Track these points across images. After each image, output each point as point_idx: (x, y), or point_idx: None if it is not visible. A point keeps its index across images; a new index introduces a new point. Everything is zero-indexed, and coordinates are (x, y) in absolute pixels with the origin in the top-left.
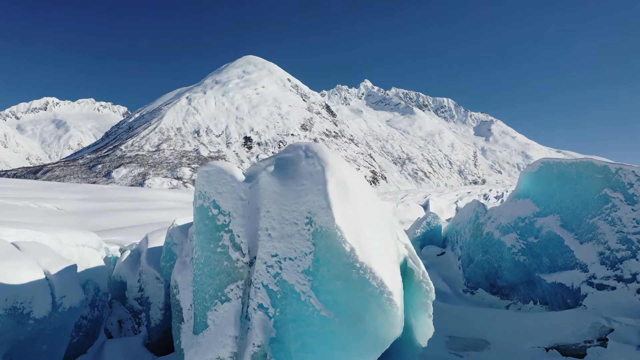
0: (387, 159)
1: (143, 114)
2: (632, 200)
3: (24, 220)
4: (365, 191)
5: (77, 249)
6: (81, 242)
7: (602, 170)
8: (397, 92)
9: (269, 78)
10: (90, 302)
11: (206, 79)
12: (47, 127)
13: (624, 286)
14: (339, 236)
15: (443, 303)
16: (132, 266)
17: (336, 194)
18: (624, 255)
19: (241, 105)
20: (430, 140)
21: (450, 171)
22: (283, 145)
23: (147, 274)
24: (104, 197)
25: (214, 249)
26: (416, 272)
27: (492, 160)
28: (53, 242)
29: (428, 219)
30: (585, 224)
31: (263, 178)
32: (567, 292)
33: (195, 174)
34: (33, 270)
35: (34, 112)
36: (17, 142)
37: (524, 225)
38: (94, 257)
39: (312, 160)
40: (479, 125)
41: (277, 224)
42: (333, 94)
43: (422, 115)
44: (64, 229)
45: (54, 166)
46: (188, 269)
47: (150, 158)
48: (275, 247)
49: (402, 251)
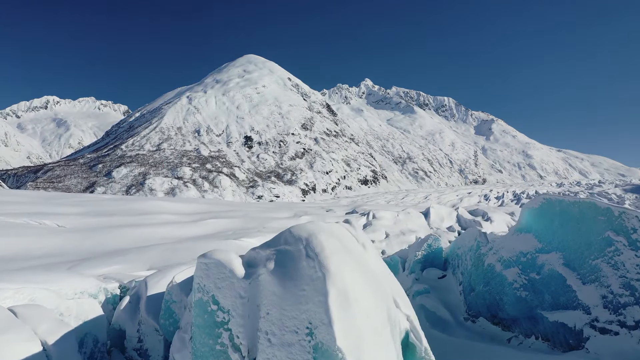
0: (388, 158)
1: (143, 113)
2: (636, 246)
3: (24, 243)
4: (367, 300)
5: (75, 303)
6: (80, 289)
7: (605, 213)
8: (398, 91)
9: (269, 77)
10: (89, 356)
11: (207, 78)
12: (47, 126)
13: (627, 332)
14: (340, 358)
15: (443, 334)
16: (131, 314)
17: (338, 307)
18: (627, 301)
19: (242, 105)
20: (431, 140)
21: (451, 170)
22: (284, 144)
23: (146, 325)
24: (103, 211)
25: (213, 345)
26: (418, 349)
27: (493, 159)
28: (51, 299)
29: (429, 241)
30: (588, 264)
31: (263, 275)
32: (570, 333)
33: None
34: (31, 342)
35: (34, 110)
36: (18, 140)
37: (525, 260)
38: (93, 308)
39: (313, 263)
40: (479, 125)
41: (277, 330)
42: (333, 93)
43: (423, 114)
44: (62, 277)
45: (54, 165)
46: (186, 349)
47: (151, 157)
48: (275, 355)
49: (404, 325)
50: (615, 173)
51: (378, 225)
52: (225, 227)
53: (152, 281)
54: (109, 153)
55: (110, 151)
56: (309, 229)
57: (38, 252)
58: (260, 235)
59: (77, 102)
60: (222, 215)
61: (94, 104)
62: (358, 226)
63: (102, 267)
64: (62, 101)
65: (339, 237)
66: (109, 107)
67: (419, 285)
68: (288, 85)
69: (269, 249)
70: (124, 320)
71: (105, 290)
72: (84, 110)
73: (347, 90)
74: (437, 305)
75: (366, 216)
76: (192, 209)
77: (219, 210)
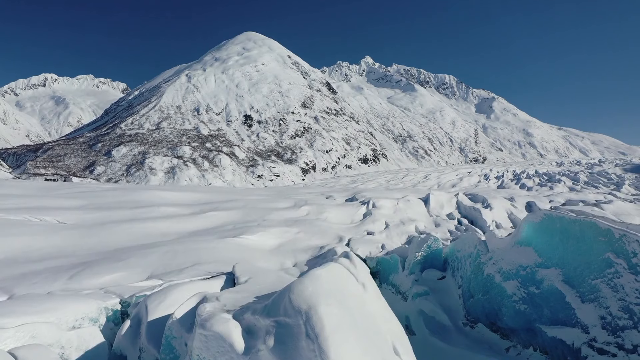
0: (388, 136)
1: (142, 92)
2: (636, 270)
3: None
4: None
5: (75, 334)
6: (80, 315)
7: (606, 234)
8: (399, 68)
9: (269, 55)
10: None
11: (205, 55)
12: (46, 104)
13: (625, 356)
14: None
15: (442, 343)
16: (132, 339)
17: None
18: (625, 324)
19: (241, 83)
20: (431, 118)
21: (451, 149)
22: (283, 123)
23: (147, 352)
24: (102, 204)
25: None
26: None
27: (493, 137)
28: (52, 332)
29: (429, 242)
30: (587, 283)
31: (262, 352)
32: (568, 350)
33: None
34: None
35: (32, 88)
36: (17, 119)
37: (525, 274)
38: (94, 337)
39: (313, 346)
40: (480, 103)
41: None
42: (334, 71)
43: (424, 92)
44: (62, 302)
45: (54, 144)
46: None
47: (150, 137)
48: None
49: None
50: (615, 151)
51: (378, 215)
52: (225, 221)
53: (152, 305)
54: (108, 132)
55: (110, 130)
56: (309, 299)
57: (38, 254)
58: (261, 231)
59: (75, 79)
60: (222, 207)
61: (92, 81)
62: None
63: (102, 275)
64: (61, 79)
65: (337, 294)
66: (108, 85)
67: (418, 287)
68: (288, 63)
69: (269, 319)
70: (124, 346)
71: (106, 310)
72: (83, 88)
73: (348, 67)
74: (435, 309)
75: (366, 205)
76: (191, 198)
77: (218, 200)
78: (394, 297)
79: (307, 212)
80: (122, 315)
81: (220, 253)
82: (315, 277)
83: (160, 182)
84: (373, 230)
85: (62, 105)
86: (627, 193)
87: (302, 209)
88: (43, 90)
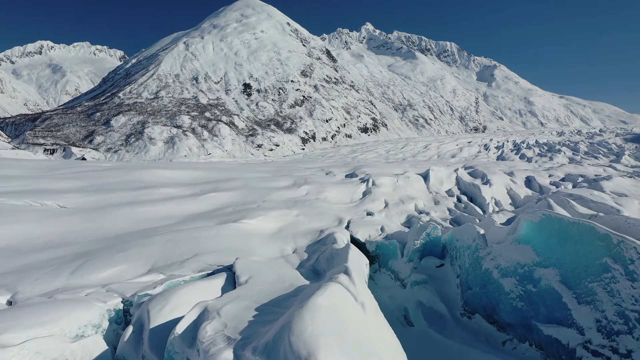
0: (388, 105)
1: (140, 60)
2: (632, 277)
3: (27, 231)
4: None
5: (79, 345)
6: (83, 322)
7: (604, 238)
8: (399, 35)
9: (267, 22)
10: None
11: (203, 22)
12: (43, 72)
13: None
14: None
15: (439, 335)
16: (135, 346)
17: None
18: (620, 329)
19: (240, 51)
20: (432, 86)
21: (452, 118)
22: (283, 92)
23: None
24: (102, 186)
25: None
26: None
27: (494, 106)
28: (56, 345)
29: (428, 230)
30: (584, 285)
31: None
32: (563, 349)
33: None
34: None
35: (29, 56)
36: (14, 87)
37: (523, 272)
38: (97, 346)
39: None
40: (481, 70)
41: None
42: (333, 38)
43: (424, 59)
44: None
45: (52, 114)
46: None
47: (149, 106)
48: None
49: None
50: (616, 120)
51: (377, 194)
52: (224, 202)
53: (153, 310)
54: (106, 101)
55: (108, 99)
56: (309, 344)
57: (41, 241)
58: (261, 215)
59: (71, 47)
60: (221, 188)
61: (89, 49)
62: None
63: (104, 269)
64: (57, 46)
65: (337, 327)
66: (105, 53)
67: (417, 275)
68: (287, 31)
69: None
70: (128, 352)
71: (109, 312)
72: (79, 55)
73: (348, 35)
74: (434, 299)
75: (365, 183)
76: (191, 177)
77: (217, 178)
78: (393, 283)
79: (307, 191)
80: (124, 314)
81: (220, 242)
82: (315, 310)
83: (160, 152)
84: (372, 210)
85: (59, 74)
86: (626, 164)
87: (302, 188)
88: (39, 58)
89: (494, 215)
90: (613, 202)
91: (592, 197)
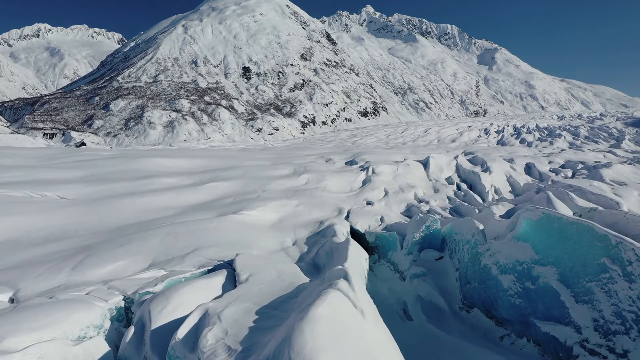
0: (388, 89)
1: (139, 43)
2: (630, 278)
3: (26, 223)
4: None
5: (81, 348)
6: (85, 323)
7: (602, 239)
8: (400, 18)
9: (267, 4)
10: None
11: (202, 5)
12: (41, 55)
13: (616, 359)
14: None
15: (438, 330)
16: (137, 346)
17: None
18: (617, 329)
19: (239, 34)
20: (433, 70)
21: (452, 101)
22: (282, 75)
23: None
24: (102, 175)
25: None
26: None
27: (495, 90)
28: (58, 349)
29: (427, 223)
30: (582, 285)
31: None
32: (560, 346)
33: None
34: None
35: (26, 39)
36: (12, 70)
37: (521, 269)
38: (99, 347)
39: None
40: (482, 54)
41: None
42: (333, 21)
43: (425, 42)
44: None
45: (51, 98)
46: None
47: (148, 90)
48: None
49: None
50: (617, 103)
51: (377, 182)
52: (224, 192)
53: (155, 310)
54: (105, 85)
55: (107, 83)
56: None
57: (41, 234)
58: (261, 206)
59: (69, 30)
60: (221, 177)
61: (87, 32)
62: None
63: (105, 265)
64: (54, 29)
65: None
66: (103, 35)
67: (416, 267)
68: (286, 13)
69: None
70: (130, 353)
71: (110, 311)
72: (77, 38)
73: (348, 17)
74: (433, 292)
75: (365, 171)
76: (191, 165)
77: (217, 167)
78: (392, 274)
79: (307, 180)
80: (126, 311)
81: (220, 235)
82: (315, 322)
83: (160, 136)
84: (372, 199)
85: (57, 57)
86: (627, 149)
87: (302, 177)
88: (37, 41)
89: (493, 207)
90: (612, 193)
91: (591, 189)
